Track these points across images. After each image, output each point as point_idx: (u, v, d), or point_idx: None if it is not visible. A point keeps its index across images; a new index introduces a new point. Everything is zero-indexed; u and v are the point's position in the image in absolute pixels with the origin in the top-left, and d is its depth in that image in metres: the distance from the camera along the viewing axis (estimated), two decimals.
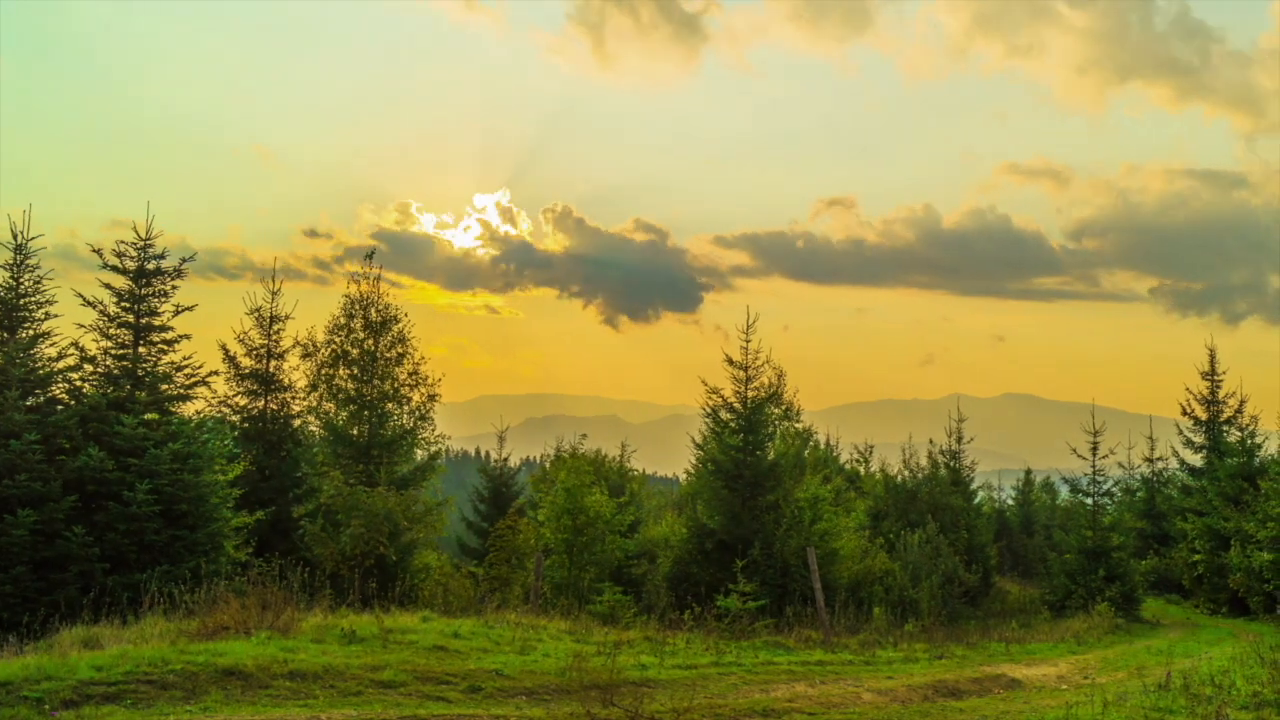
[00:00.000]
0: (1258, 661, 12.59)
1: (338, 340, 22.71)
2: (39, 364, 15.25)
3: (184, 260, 16.75)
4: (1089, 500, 29.60)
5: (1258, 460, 29.53)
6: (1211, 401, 34.35)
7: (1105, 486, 29.32)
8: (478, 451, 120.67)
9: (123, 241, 16.24)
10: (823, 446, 38.16)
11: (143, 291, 16.27)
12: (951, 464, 34.89)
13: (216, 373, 17.78)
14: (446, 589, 19.69)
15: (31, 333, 15.44)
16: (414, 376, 22.90)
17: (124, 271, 16.21)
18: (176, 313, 16.56)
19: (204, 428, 16.74)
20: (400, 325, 23.02)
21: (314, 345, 22.56)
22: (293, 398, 20.76)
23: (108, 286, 16.08)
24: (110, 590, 13.85)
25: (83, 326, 15.92)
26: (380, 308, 23.02)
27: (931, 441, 35.48)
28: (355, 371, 22.42)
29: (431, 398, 23.06)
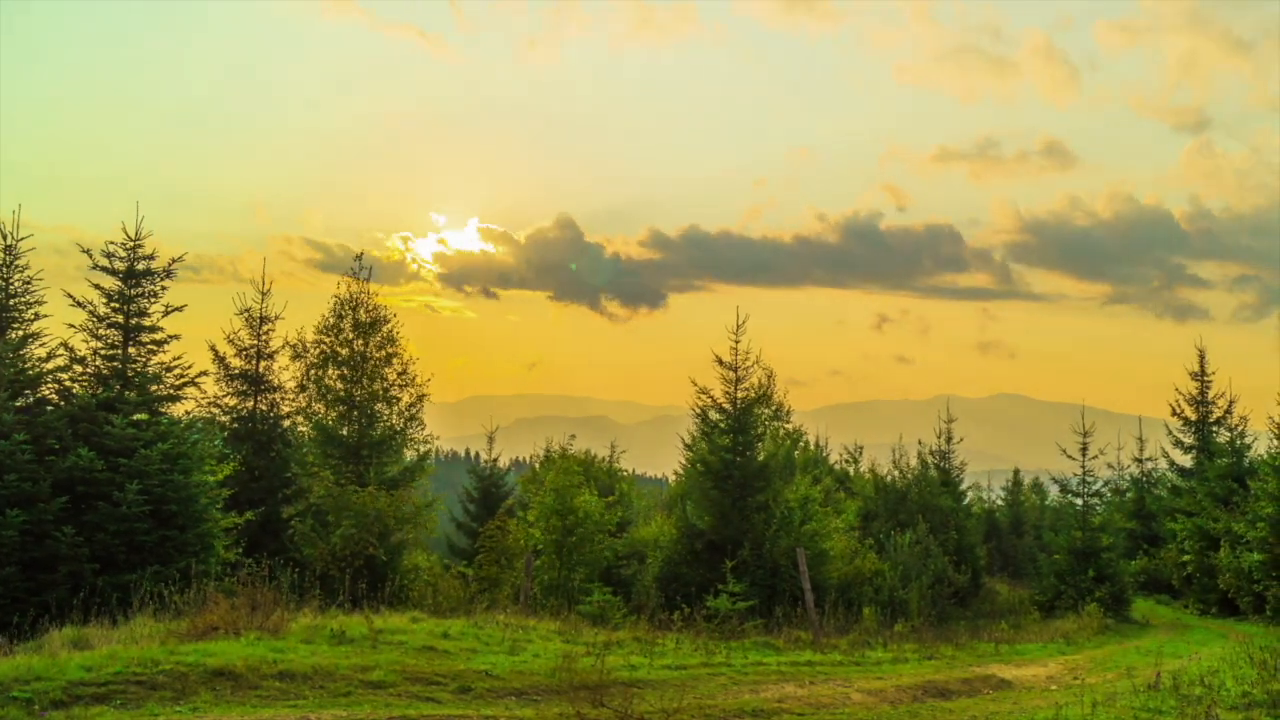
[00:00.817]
0: (1247, 662, 12.65)
1: (327, 341, 22.68)
2: (28, 364, 15.20)
3: (174, 261, 16.74)
4: (1078, 501, 29.68)
5: (1247, 461, 29.67)
6: (1201, 402, 34.53)
7: (1095, 487, 29.44)
8: (467, 452, 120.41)
9: (112, 242, 16.25)
10: (812, 447, 38.23)
11: (132, 292, 16.24)
12: (941, 464, 35.01)
13: (206, 373, 17.76)
14: (436, 589, 19.67)
15: (21, 333, 15.39)
16: (403, 377, 22.90)
17: (113, 272, 16.18)
18: (166, 313, 16.55)
19: (193, 428, 16.72)
20: (390, 326, 23.02)
21: (304, 346, 22.55)
22: (282, 398, 20.75)
23: (97, 287, 16.06)
24: (100, 591, 13.81)
25: (72, 327, 15.91)
26: (369, 308, 23.01)
27: (920, 442, 35.62)
28: (345, 372, 22.39)
29: (421, 398, 23.06)
